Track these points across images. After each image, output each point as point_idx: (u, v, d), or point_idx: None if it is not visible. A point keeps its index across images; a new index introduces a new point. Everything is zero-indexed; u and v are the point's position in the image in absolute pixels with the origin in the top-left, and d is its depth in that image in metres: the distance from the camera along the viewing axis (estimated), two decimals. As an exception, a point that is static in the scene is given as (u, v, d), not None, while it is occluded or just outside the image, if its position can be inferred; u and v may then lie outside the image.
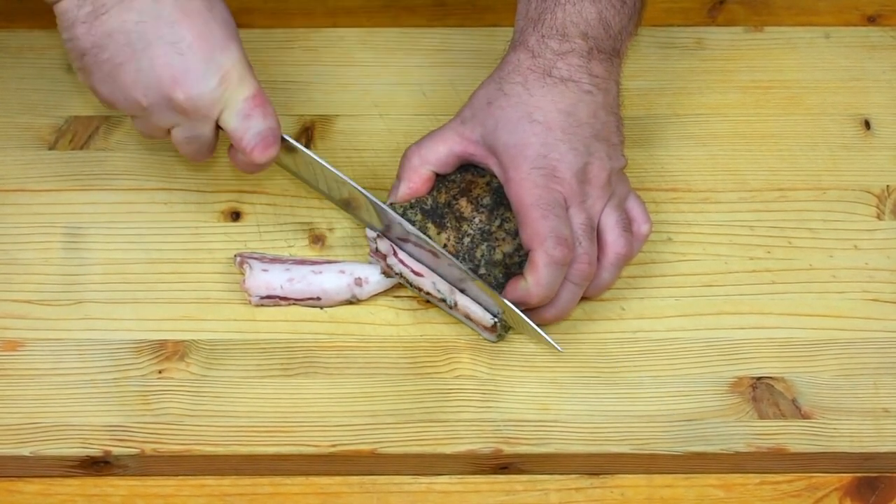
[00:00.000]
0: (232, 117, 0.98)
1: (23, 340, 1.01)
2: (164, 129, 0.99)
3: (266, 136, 0.98)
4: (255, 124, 0.98)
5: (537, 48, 1.00)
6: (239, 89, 0.97)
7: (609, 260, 1.01)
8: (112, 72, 0.96)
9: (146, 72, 0.95)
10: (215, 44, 0.96)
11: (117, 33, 0.95)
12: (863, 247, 1.07)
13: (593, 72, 1.00)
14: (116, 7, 0.94)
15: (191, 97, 0.96)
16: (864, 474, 0.99)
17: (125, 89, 0.96)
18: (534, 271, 0.97)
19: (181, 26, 0.95)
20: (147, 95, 0.96)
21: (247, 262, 1.03)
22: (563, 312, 1.01)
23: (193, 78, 0.95)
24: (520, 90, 1.00)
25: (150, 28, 0.94)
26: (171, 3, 0.95)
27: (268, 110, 0.98)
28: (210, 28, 0.96)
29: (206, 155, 1.02)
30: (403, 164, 1.03)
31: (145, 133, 1.01)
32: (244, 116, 0.98)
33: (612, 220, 1.00)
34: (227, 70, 0.96)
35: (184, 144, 1.00)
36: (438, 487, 0.98)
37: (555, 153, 0.99)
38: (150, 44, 0.95)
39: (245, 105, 0.97)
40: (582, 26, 1.00)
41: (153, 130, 1.00)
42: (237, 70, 0.97)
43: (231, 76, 0.96)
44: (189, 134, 0.99)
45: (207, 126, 0.98)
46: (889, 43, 1.19)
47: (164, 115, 0.97)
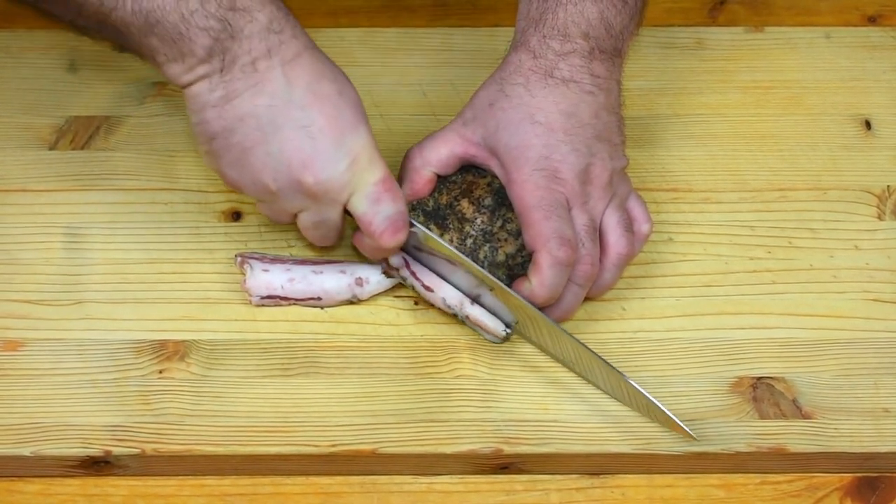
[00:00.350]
0: (361, 201, 0.97)
1: (23, 340, 1.01)
2: (291, 214, 0.99)
3: (395, 221, 0.98)
4: (384, 209, 0.97)
5: (539, 49, 1.00)
6: (368, 173, 0.96)
7: (611, 260, 1.01)
8: (241, 156, 0.95)
9: (276, 156, 0.94)
10: (345, 127, 0.95)
11: (248, 117, 0.94)
12: (863, 247, 1.07)
13: (595, 72, 1.00)
14: (249, 91, 0.93)
15: (320, 181, 0.95)
16: (865, 474, 0.99)
17: (254, 173, 0.95)
18: (538, 272, 0.97)
19: (312, 110, 0.94)
20: (276, 180, 0.95)
21: (247, 262, 1.03)
22: (567, 314, 1.01)
23: (323, 162, 0.94)
24: (521, 91, 1.00)
25: (280, 112, 0.94)
26: (304, 87, 0.94)
27: (396, 195, 0.98)
28: (340, 112, 0.95)
29: (333, 240, 1.02)
30: (405, 166, 1.03)
31: (271, 217, 1.01)
32: (374, 201, 0.97)
33: (614, 220, 1.00)
34: (356, 154, 0.95)
35: (311, 229, 1.00)
36: (439, 487, 0.98)
37: (556, 154, 0.99)
38: (280, 128, 0.94)
39: (375, 189, 0.97)
40: (583, 26, 1.00)
41: (281, 215, 1.00)
42: (367, 154, 0.96)
43: (361, 160, 0.96)
44: (317, 218, 0.98)
45: (336, 210, 0.98)
46: (889, 43, 1.19)
47: (292, 200, 0.97)
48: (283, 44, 0.94)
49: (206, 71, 0.93)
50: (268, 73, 0.94)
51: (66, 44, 1.17)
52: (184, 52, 0.92)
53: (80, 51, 1.17)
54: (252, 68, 0.93)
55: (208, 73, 0.93)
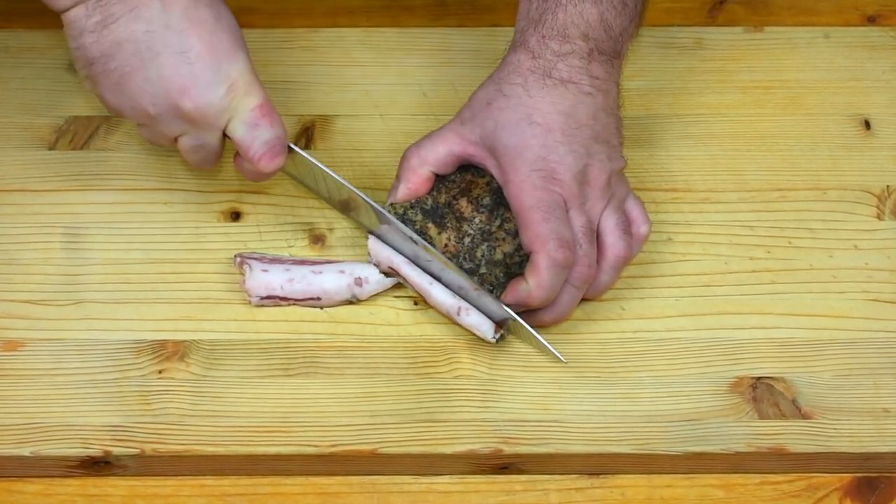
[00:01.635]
0: (239, 126, 0.98)
1: (23, 340, 1.01)
2: (170, 138, 1.00)
3: (273, 146, 0.99)
4: (262, 133, 0.98)
5: (538, 49, 1.00)
6: (246, 98, 0.97)
7: (609, 262, 1.01)
8: (120, 81, 0.96)
9: (154, 81, 0.95)
10: (223, 53, 0.96)
11: (126, 42, 0.95)
12: (863, 247, 1.07)
13: (593, 73, 1.00)
14: (125, 17, 0.95)
15: (199, 106, 0.96)
16: (865, 474, 0.99)
17: (133, 98, 0.97)
18: (536, 273, 0.97)
19: (189, 35, 0.95)
20: (155, 104, 0.96)
21: (247, 262, 1.03)
22: (563, 315, 1.01)
23: (201, 87, 0.96)
24: (519, 91, 1.00)
25: (158, 37, 0.95)
26: (180, 12, 0.95)
27: (275, 119, 0.99)
28: (218, 38, 0.96)
29: (212, 163, 1.02)
30: (403, 165, 1.03)
31: (152, 141, 1.02)
32: (252, 126, 0.98)
33: (612, 222, 1.00)
34: (234, 79, 0.97)
35: (190, 153, 1.01)
36: (438, 487, 0.98)
37: (554, 155, 0.99)
38: (158, 53, 0.95)
39: (252, 114, 0.98)
40: (583, 27, 1.00)
41: (160, 138, 1.00)
42: (244, 79, 0.97)
43: (238, 85, 0.97)
44: (196, 142, 0.99)
45: (214, 135, 0.99)
46: (889, 43, 1.19)
47: (171, 124, 0.98)
48: None
49: None
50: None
51: (66, 44, 1.17)
52: None
53: (79, 51, 1.17)
54: None
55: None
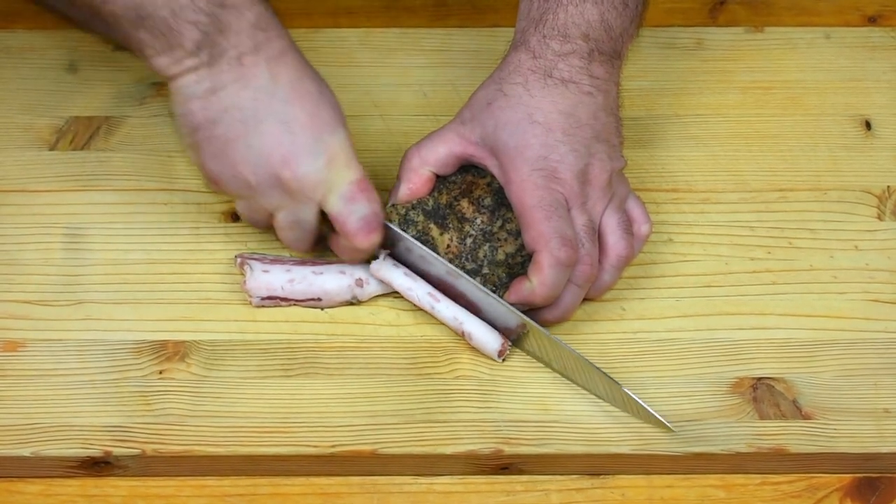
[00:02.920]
0: (336, 200, 0.98)
1: (23, 341, 1.01)
2: (268, 212, 1.00)
3: (370, 221, 0.99)
4: (358, 208, 0.98)
5: (538, 49, 1.00)
6: (345, 172, 0.98)
7: (610, 262, 1.01)
8: (223, 148, 0.97)
9: (256, 149, 0.96)
10: (324, 126, 0.97)
11: (232, 109, 0.96)
12: (863, 247, 1.07)
13: (594, 73, 1.00)
14: (234, 84, 0.95)
15: (298, 176, 0.96)
16: (865, 475, 0.99)
17: (234, 166, 0.97)
18: (539, 272, 0.97)
19: (294, 105, 0.96)
20: (256, 174, 0.97)
21: (247, 262, 1.03)
22: (566, 314, 1.01)
23: (302, 157, 0.96)
24: (520, 91, 1.00)
25: (263, 106, 0.96)
26: (287, 83, 0.96)
27: (372, 195, 0.99)
28: (320, 110, 0.97)
29: (308, 243, 1.02)
30: (403, 165, 1.03)
31: (249, 217, 1.02)
32: (348, 200, 0.98)
33: (614, 221, 1.00)
34: (334, 152, 0.97)
35: (286, 230, 1.01)
36: (439, 488, 0.98)
37: (555, 154, 0.99)
38: (262, 121, 0.96)
39: (350, 188, 0.98)
40: (584, 27, 1.00)
41: (258, 212, 1.01)
42: (344, 153, 0.98)
43: (338, 159, 0.97)
44: (293, 218, 0.99)
45: (311, 209, 0.99)
46: (890, 43, 1.19)
47: (270, 195, 0.98)
48: (269, 41, 0.96)
49: (194, 64, 0.95)
50: (253, 67, 0.95)
51: (66, 44, 1.17)
52: (172, 45, 0.94)
53: (80, 51, 1.17)
54: (238, 62, 0.95)
55: (195, 66, 0.95)
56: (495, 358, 1.00)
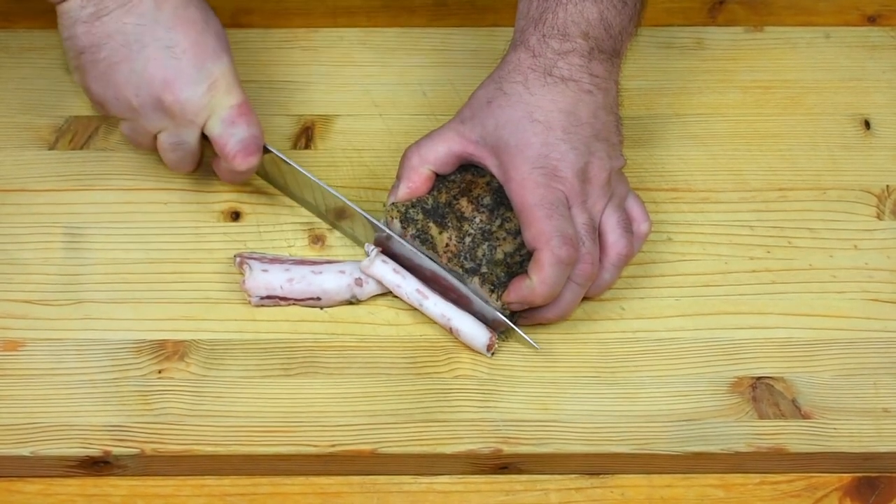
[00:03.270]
0: (217, 124, 1.01)
1: (23, 340, 1.01)
2: (151, 134, 1.02)
3: (248, 144, 1.02)
4: (238, 131, 1.01)
5: (538, 48, 1.00)
6: (226, 97, 1.01)
7: (611, 260, 1.01)
8: (107, 71, 0.99)
9: (139, 73, 0.99)
10: (208, 52, 1.00)
11: (116, 34, 0.98)
12: (863, 247, 1.07)
13: (594, 72, 1.00)
14: (117, 10, 0.98)
15: (179, 100, 0.99)
16: (864, 474, 0.99)
17: (117, 88, 0.99)
18: (539, 270, 0.97)
19: (177, 32, 0.99)
20: (138, 95, 0.99)
21: (246, 262, 1.03)
22: (566, 312, 1.01)
23: (184, 82, 0.99)
24: (520, 89, 1.00)
25: (147, 31, 0.98)
26: (171, 10, 0.99)
27: (252, 119, 1.02)
28: (204, 37, 1.00)
29: (190, 164, 1.05)
30: (403, 164, 1.03)
31: (133, 139, 1.04)
32: (228, 123, 1.01)
33: (614, 220, 1.00)
34: (216, 78, 1.00)
35: (169, 151, 1.03)
36: (438, 487, 0.98)
37: (555, 153, 0.99)
38: (145, 46, 0.98)
39: (230, 112, 1.01)
40: (583, 26, 1.00)
41: (141, 134, 1.03)
42: (226, 79, 1.00)
43: (219, 84, 1.00)
44: (175, 140, 1.02)
45: (193, 132, 1.01)
46: (889, 43, 1.19)
47: (152, 118, 1.01)
48: None
49: None
50: None
51: (66, 44, 1.18)
52: None
53: (79, 51, 1.17)
54: None
55: None
56: (484, 352, 1.00)
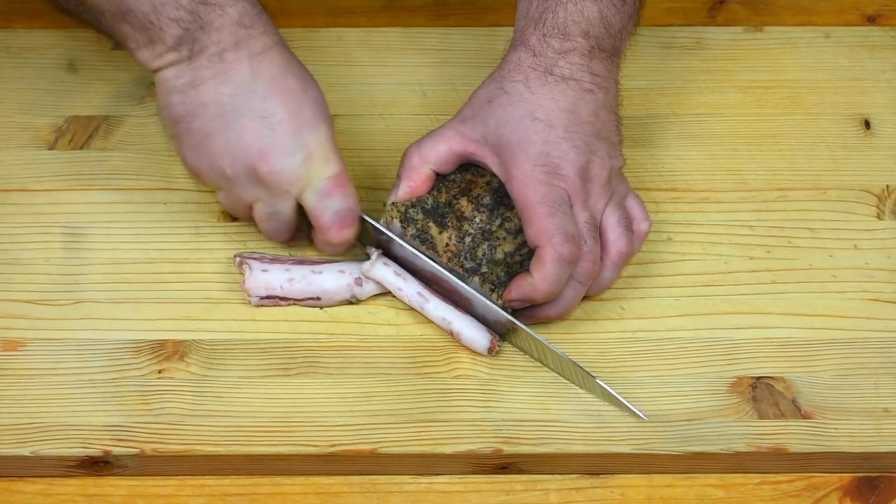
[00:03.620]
0: (312, 195, 0.99)
1: (23, 340, 1.01)
2: (246, 204, 1.01)
3: (344, 216, 1.00)
4: (333, 203, 1.00)
5: (538, 47, 1.01)
6: (322, 168, 0.99)
7: (611, 259, 1.01)
8: (202, 141, 0.98)
9: (234, 143, 0.97)
10: (305, 122, 0.98)
11: (211, 104, 0.97)
12: (863, 247, 1.07)
13: (594, 70, 1.01)
14: (214, 79, 0.97)
15: (274, 171, 0.98)
16: (864, 474, 0.99)
17: (213, 159, 0.98)
18: (541, 268, 0.97)
19: (274, 102, 0.97)
20: (233, 166, 0.98)
21: (246, 262, 1.03)
22: (567, 311, 1.01)
23: (279, 153, 0.97)
24: (521, 88, 1.00)
25: (243, 101, 0.97)
26: (268, 79, 0.97)
27: (347, 191, 1.00)
28: (301, 107, 0.98)
29: (286, 235, 1.03)
30: (403, 164, 1.03)
31: (228, 206, 1.03)
32: (324, 195, 0.99)
33: (614, 218, 1.01)
34: (312, 149, 0.98)
35: (264, 220, 1.02)
36: (438, 487, 0.98)
37: (557, 151, 0.99)
38: (241, 116, 0.97)
39: (326, 184, 0.99)
40: (583, 25, 1.00)
41: (236, 204, 1.02)
42: (322, 150, 0.99)
43: (316, 155, 0.98)
44: (270, 210, 1.00)
45: (288, 203, 1.00)
46: (889, 43, 1.19)
47: (247, 188, 0.99)
48: (253, 38, 0.97)
49: (175, 58, 0.97)
50: (234, 64, 0.97)
51: (66, 44, 1.17)
52: (153, 40, 0.96)
53: (79, 51, 1.17)
54: (219, 58, 0.97)
55: (176, 61, 0.97)
56: (486, 354, 1.00)
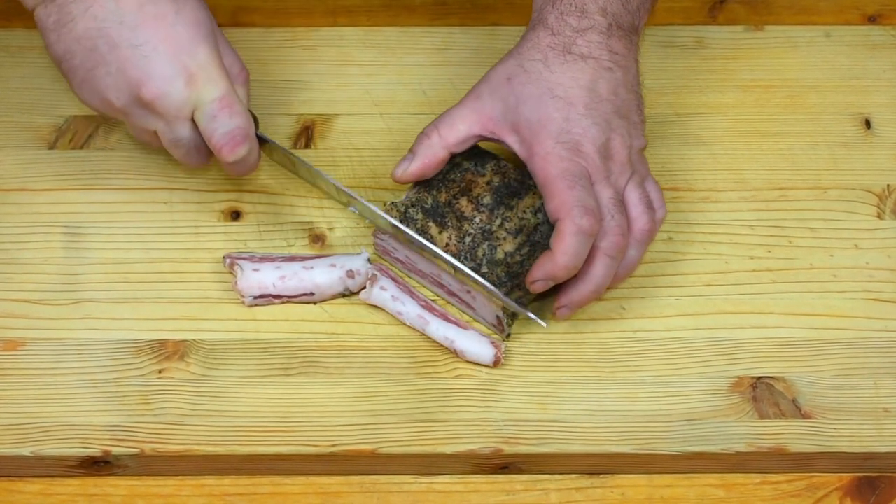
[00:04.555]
0: (201, 118, 1.00)
1: (23, 340, 1.01)
2: (149, 132, 1.01)
3: (234, 135, 1.00)
4: (221, 124, 0.99)
5: (556, 26, 1.01)
6: (207, 90, 0.99)
7: (635, 236, 1.00)
8: (86, 77, 0.99)
9: (115, 75, 0.98)
10: (182, 46, 0.98)
11: (83, 40, 0.98)
12: (863, 246, 1.07)
13: (613, 49, 1.00)
14: (81, 16, 0.97)
15: (158, 97, 0.98)
16: (865, 474, 0.99)
17: (100, 92, 0.99)
18: (561, 241, 0.97)
19: (144, 30, 0.97)
20: (119, 98, 0.99)
21: (237, 263, 1.03)
22: (600, 288, 0.99)
23: (159, 80, 0.98)
24: (540, 67, 1.00)
25: (114, 33, 0.97)
26: (135, 7, 0.97)
27: (235, 109, 1.00)
28: (176, 31, 0.98)
29: (198, 158, 1.03)
30: (421, 142, 1.03)
31: (138, 138, 1.03)
32: (211, 117, 0.99)
33: (636, 196, 1.00)
34: (193, 72, 0.98)
35: (172, 147, 1.02)
36: (439, 487, 0.98)
37: (577, 128, 0.99)
38: (114, 47, 0.97)
39: (212, 106, 0.99)
40: (601, 2, 1.00)
41: (140, 133, 1.02)
42: (205, 72, 0.99)
43: (198, 77, 0.98)
44: (171, 136, 1.01)
45: (184, 127, 1.00)
46: (889, 42, 1.19)
47: (140, 117, 1.00)
48: None
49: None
50: None
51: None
52: None
53: (79, 50, 1.17)
54: None
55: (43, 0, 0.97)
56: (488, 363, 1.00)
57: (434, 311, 1.01)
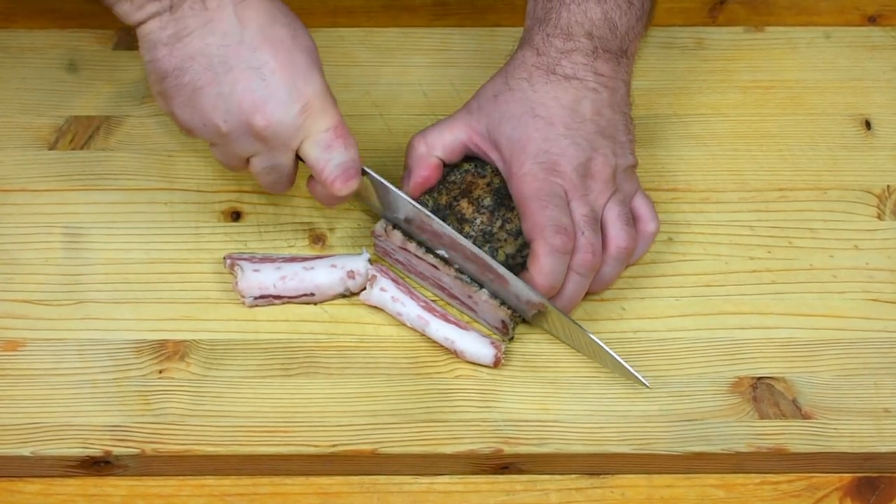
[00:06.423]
0: (313, 148, 0.97)
1: (23, 340, 1.01)
2: (243, 158, 0.98)
3: (348, 168, 0.97)
4: (336, 156, 0.97)
5: (542, 46, 1.01)
6: (321, 119, 0.96)
7: (610, 254, 1.01)
8: (192, 96, 0.94)
9: (226, 97, 0.94)
10: (298, 72, 0.95)
11: (199, 56, 0.93)
12: (863, 247, 1.07)
13: (599, 70, 1.01)
14: (199, 30, 0.93)
15: (271, 124, 0.95)
16: (865, 474, 0.99)
17: (205, 114, 0.95)
18: (535, 261, 0.97)
19: (264, 52, 0.94)
20: (227, 121, 0.95)
21: (237, 263, 1.03)
22: (570, 304, 1.01)
23: (275, 105, 0.94)
24: (524, 86, 1.00)
25: (232, 52, 0.93)
26: (256, 28, 0.94)
27: (349, 141, 0.97)
28: (293, 56, 0.95)
29: (286, 186, 1.01)
30: (410, 154, 1.03)
31: (224, 162, 1.00)
32: (325, 147, 0.97)
33: (614, 213, 1.00)
34: (309, 99, 0.95)
35: (263, 175, 0.99)
36: (439, 487, 0.98)
37: (556, 148, 0.99)
38: (231, 68, 0.93)
39: (326, 136, 0.96)
40: (587, 26, 1.01)
41: (232, 159, 0.99)
42: (319, 99, 0.96)
43: (313, 105, 0.95)
44: (268, 164, 0.98)
45: (287, 156, 0.97)
46: (890, 43, 1.19)
47: (243, 143, 0.96)
48: None
49: (156, 9, 0.93)
50: (219, 12, 0.93)
51: (66, 44, 1.17)
52: None
53: (79, 51, 1.17)
54: (202, 6, 0.93)
55: (158, 12, 0.93)
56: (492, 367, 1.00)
57: (434, 312, 1.01)
